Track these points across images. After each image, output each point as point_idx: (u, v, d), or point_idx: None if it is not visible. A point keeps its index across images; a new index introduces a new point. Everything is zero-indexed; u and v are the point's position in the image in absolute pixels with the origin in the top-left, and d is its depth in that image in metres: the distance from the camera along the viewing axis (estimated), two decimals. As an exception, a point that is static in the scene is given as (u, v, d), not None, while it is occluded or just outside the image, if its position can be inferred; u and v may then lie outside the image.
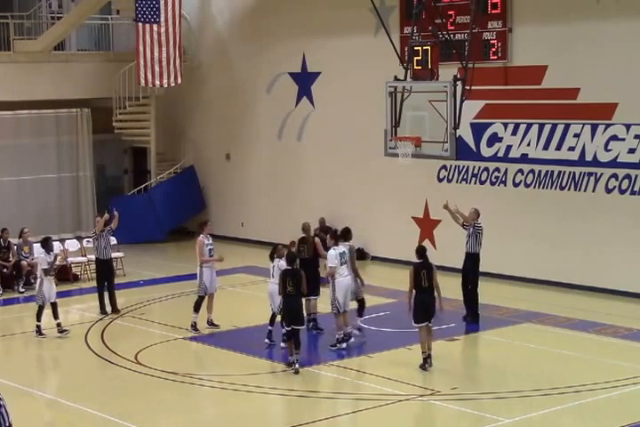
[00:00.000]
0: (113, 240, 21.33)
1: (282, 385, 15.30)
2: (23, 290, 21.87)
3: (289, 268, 16.08)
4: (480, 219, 18.63)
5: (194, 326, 18.12)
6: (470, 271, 18.67)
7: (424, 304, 15.69)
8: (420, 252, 16.04)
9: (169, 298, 21.04)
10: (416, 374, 15.55)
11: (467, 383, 15.22)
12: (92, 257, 23.42)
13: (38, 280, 18.25)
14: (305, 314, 16.55)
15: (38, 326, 18.08)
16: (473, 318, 18.58)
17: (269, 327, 17.24)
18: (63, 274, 22.87)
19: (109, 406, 14.48)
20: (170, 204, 27.71)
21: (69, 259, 23.24)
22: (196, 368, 16.13)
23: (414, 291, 15.69)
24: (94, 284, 20.81)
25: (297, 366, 15.79)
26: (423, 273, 15.72)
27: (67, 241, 24.28)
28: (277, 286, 16.33)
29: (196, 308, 18.12)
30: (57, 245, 23.59)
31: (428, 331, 15.78)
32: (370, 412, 14.02)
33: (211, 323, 18.31)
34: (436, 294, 15.81)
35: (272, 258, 17.08)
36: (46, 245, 18.46)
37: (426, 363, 15.66)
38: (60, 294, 21.64)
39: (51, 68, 27.33)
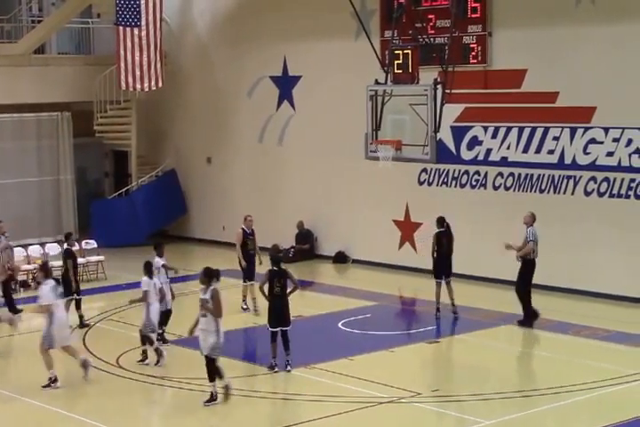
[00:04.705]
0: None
1: (263, 388, 15.34)
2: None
3: (275, 269, 16.11)
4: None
5: None
6: (525, 275, 18.51)
7: (441, 264, 19.07)
8: (440, 221, 19.13)
9: (150, 301, 21.01)
10: (397, 377, 15.62)
11: (447, 385, 15.30)
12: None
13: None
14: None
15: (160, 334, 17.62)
16: (526, 319, 18.46)
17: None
18: (44, 278, 22.83)
19: (92, 410, 14.49)
20: (151, 207, 27.70)
21: (50, 263, 23.13)
22: (177, 372, 16.13)
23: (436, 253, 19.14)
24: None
25: (289, 368, 15.93)
26: (444, 240, 18.96)
27: (47, 245, 24.23)
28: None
29: None
30: (37, 249, 23.65)
31: (446, 286, 19.10)
32: (351, 414, 14.07)
33: None
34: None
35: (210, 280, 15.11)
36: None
37: (438, 312, 18.98)
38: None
39: (31, 71, 27.28)
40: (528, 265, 18.46)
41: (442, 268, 19.18)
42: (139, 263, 17.71)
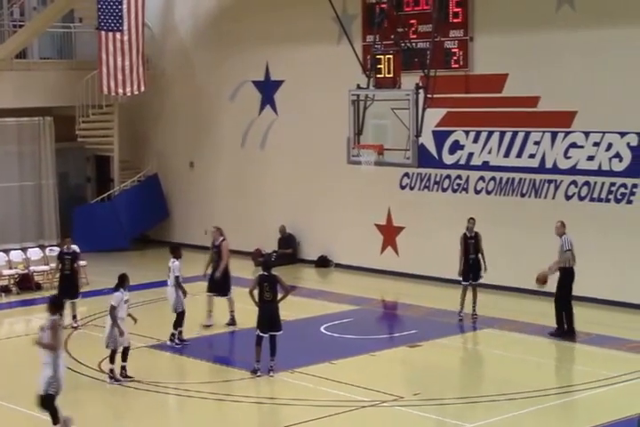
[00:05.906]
0: None
1: (246, 392, 15.34)
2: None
3: (265, 274, 16.08)
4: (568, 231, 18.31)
5: None
6: (564, 286, 18.08)
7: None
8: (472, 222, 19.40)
9: (132, 306, 20.97)
10: (379, 381, 15.64)
11: (429, 389, 15.32)
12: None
13: (172, 288, 17.91)
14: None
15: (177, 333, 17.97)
16: (569, 334, 17.93)
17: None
18: (25, 283, 22.80)
19: (74, 415, 14.44)
20: (133, 212, 27.66)
21: (32, 267, 23.15)
22: (160, 376, 16.12)
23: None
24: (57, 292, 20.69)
25: (272, 373, 15.91)
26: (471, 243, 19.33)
27: (29, 250, 24.15)
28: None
29: None
30: (19, 254, 23.58)
31: (471, 290, 19.19)
32: (333, 418, 14.08)
33: None
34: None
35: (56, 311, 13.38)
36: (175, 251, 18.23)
37: (461, 314, 19.11)
38: (23, 303, 21.59)
39: (13, 76, 27.19)
40: (568, 274, 18.07)
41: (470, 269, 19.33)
42: (121, 268, 17.69)
